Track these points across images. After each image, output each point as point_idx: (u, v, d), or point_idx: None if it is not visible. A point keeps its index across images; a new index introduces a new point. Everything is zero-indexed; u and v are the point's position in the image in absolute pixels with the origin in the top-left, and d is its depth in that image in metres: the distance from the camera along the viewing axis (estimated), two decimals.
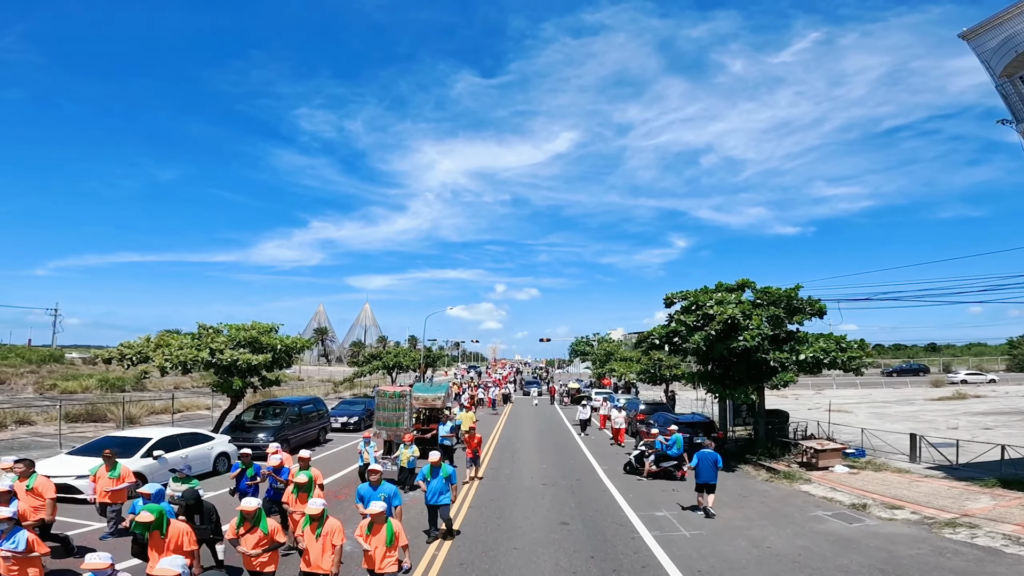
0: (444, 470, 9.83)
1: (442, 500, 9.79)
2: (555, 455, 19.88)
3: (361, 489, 8.66)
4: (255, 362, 17.88)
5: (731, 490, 15.05)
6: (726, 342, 16.65)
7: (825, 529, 11.40)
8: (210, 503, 8.31)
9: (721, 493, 14.41)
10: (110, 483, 9.78)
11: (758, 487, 15.61)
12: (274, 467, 9.99)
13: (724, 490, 14.92)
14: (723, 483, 15.57)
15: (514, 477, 16.12)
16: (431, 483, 9.77)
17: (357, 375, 41.76)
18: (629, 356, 42.57)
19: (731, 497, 14.25)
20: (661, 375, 30.26)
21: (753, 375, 17.80)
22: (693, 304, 18.01)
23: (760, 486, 15.73)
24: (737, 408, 21.79)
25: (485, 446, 21.09)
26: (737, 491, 14.99)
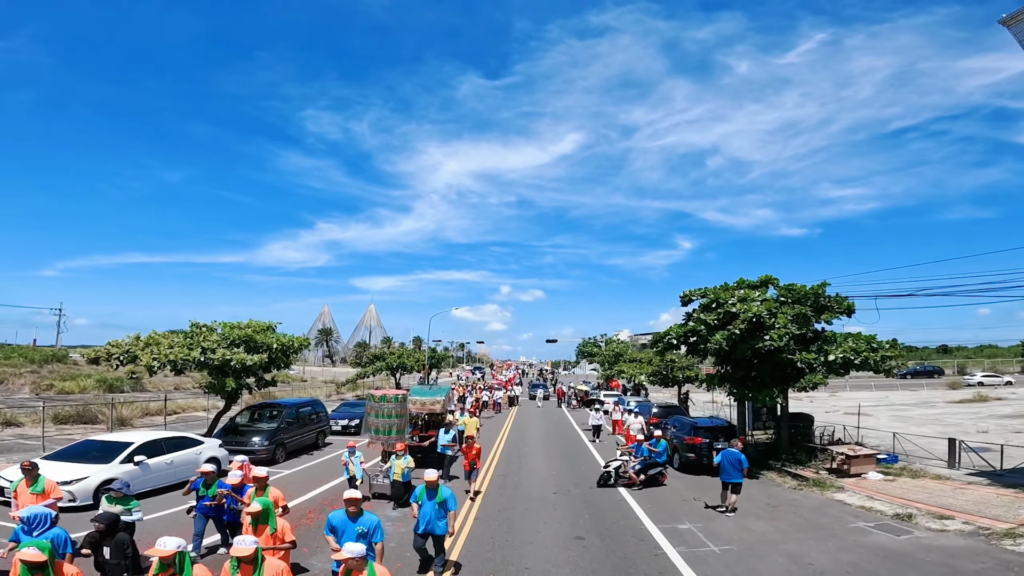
0: (440, 493, 8.06)
1: (435, 529, 8.03)
2: (565, 461, 18.83)
3: (333, 518, 6.82)
4: (250, 362, 16.95)
5: (757, 499, 13.97)
6: (750, 342, 15.55)
7: (872, 542, 10.31)
8: (125, 535, 7.15)
9: (747, 503, 13.42)
10: (31, 500, 7.91)
11: (786, 495, 14.51)
12: (233, 486, 8.27)
13: (749, 499, 13.89)
14: (748, 491, 14.55)
15: (523, 485, 15.08)
16: (423, 507, 8.00)
17: (360, 376, 40.80)
18: (639, 357, 41.45)
19: (759, 507, 13.17)
20: (674, 377, 29.13)
21: (778, 377, 16.69)
22: (713, 302, 16.92)
23: (788, 494, 14.63)
24: (757, 411, 20.65)
25: (491, 450, 20.09)
26: (764, 500, 13.91)
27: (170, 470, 13.19)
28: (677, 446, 17.47)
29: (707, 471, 16.70)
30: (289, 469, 16.63)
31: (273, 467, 16.82)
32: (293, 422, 18.44)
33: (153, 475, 12.61)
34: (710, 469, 16.68)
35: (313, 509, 12.04)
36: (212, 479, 8.24)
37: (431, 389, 17.78)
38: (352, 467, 12.33)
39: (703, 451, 16.64)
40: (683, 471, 17.10)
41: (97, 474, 11.60)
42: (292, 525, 11.22)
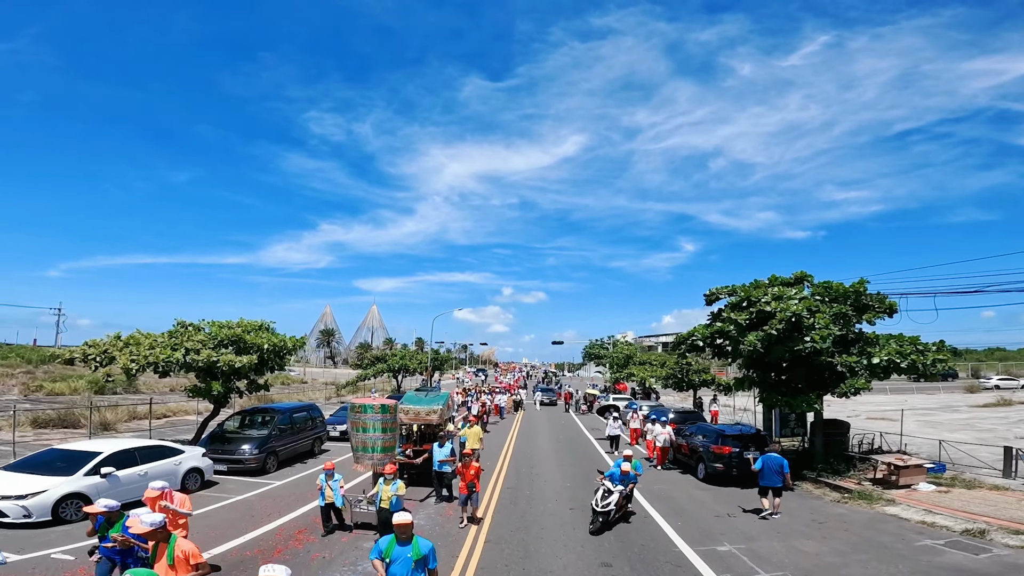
0: (416, 547, 5.54)
1: None
2: (579, 471, 17.40)
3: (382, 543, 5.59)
4: (238, 364, 15.58)
5: (799, 514, 12.60)
6: (788, 344, 14.14)
7: (949, 563, 8.96)
8: None
9: (788, 518, 12.11)
10: None
11: (831, 510, 13.11)
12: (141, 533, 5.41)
13: (790, 514, 12.54)
14: (785, 505, 13.20)
15: (535, 499, 13.67)
16: (392, 566, 5.47)
17: (361, 378, 39.41)
18: (649, 360, 40.00)
19: (803, 524, 11.79)
20: (689, 380, 27.68)
21: (814, 382, 15.26)
22: (744, 300, 15.52)
23: (832, 508, 13.24)
24: (784, 418, 19.23)
25: (498, 460, 18.67)
26: (807, 515, 12.51)
27: (143, 482, 11.76)
28: (703, 455, 16.05)
29: (736, 482, 15.36)
30: (281, 479, 15.27)
31: (264, 477, 15.46)
32: (286, 428, 17.07)
33: (123, 488, 11.26)
34: (739, 480, 15.34)
35: (303, 529, 10.66)
36: (116, 517, 6.57)
37: (428, 396, 15.07)
38: (329, 492, 10.16)
39: (732, 461, 15.25)
40: (709, 482, 15.70)
41: (57, 487, 10.30)
42: (278, 549, 9.94)
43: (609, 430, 21.21)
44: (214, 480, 14.56)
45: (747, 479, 15.41)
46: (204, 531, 10.55)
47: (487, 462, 18.11)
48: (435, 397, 15.05)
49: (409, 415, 14.11)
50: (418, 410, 14.17)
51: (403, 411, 13.76)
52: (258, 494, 13.71)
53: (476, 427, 16.54)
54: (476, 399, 29.21)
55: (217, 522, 11.16)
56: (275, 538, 10.13)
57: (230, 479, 15.08)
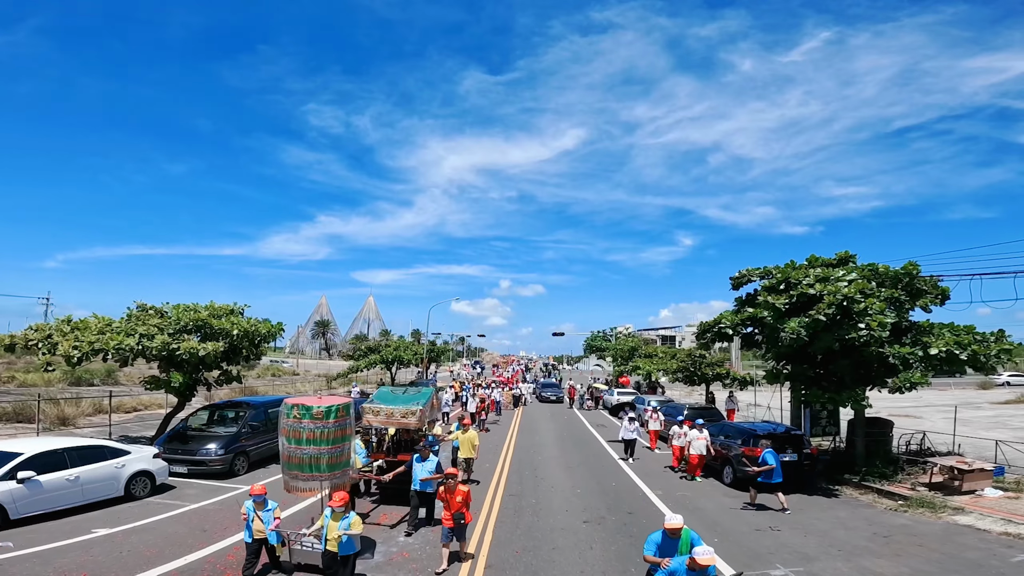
0: None
1: None
2: (589, 475, 15.52)
3: None
4: (202, 352, 13.59)
5: (854, 525, 10.86)
6: (837, 331, 12.21)
7: None
8: None
9: (843, 532, 10.46)
10: None
11: (890, 520, 11.33)
12: None
13: (842, 525, 10.87)
14: (833, 512, 11.53)
15: (543, 510, 11.77)
16: None
17: (353, 370, 37.43)
18: (655, 352, 38.15)
19: (864, 537, 10.03)
20: (702, 374, 25.79)
21: (861, 375, 13.37)
22: (782, 282, 13.58)
23: (891, 518, 11.46)
24: (815, 415, 17.36)
25: (497, 463, 16.76)
26: (864, 527, 10.74)
27: (74, 488, 9.96)
28: (731, 458, 14.20)
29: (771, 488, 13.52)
30: (250, 483, 13.35)
31: (231, 481, 13.53)
32: (260, 425, 15.11)
33: (48, 495, 9.39)
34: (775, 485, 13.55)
35: None
36: None
37: (406, 393, 12.14)
38: (258, 525, 7.41)
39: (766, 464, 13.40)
40: (739, 488, 13.85)
41: None
42: None
43: (624, 433, 17.47)
44: (170, 484, 12.66)
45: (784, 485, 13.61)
46: (139, 548, 8.72)
47: (485, 464, 16.21)
48: (415, 395, 12.03)
49: (380, 417, 11.27)
50: (391, 411, 11.21)
51: (371, 412, 11.26)
52: (219, 502, 11.80)
53: (471, 431, 13.61)
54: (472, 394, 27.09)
55: (158, 538, 9.25)
56: (209, 568, 8.09)
57: (191, 483, 13.19)
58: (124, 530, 9.68)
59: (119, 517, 10.36)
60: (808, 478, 14.06)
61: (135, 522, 10.11)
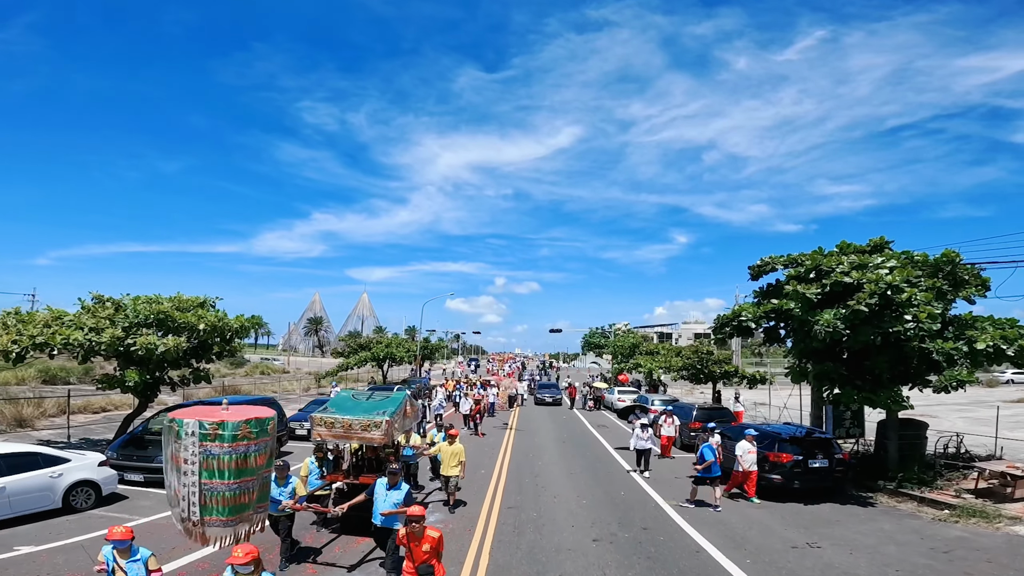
0: None
1: None
2: (594, 483, 14.12)
3: None
4: (161, 348, 12.08)
5: (902, 538, 9.67)
6: (879, 324, 10.82)
7: None
8: None
9: (892, 547, 9.27)
10: None
11: (942, 532, 10.07)
12: None
13: (890, 539, 9.68)
14: (875, 523, 10.35)
15: (546, 526, 10.35)
16: None
17: (343, 368, 35.87)
18: (656, 350, 36.84)
19: (920, 553, 8.82)
20: (709, 372, 24.44)
21: (899, 373, 12.02)
22: (812, 270, 12.19)
23: (942, 530, 10.21)
24: (838, 416, 16.02)
25: (494, 469, 15.32)
26: (915, 541, 9.47)
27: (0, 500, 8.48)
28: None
29: (797, 496, 12.23)
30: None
31: None
32: None
33: None
34: (802, 494, 12.28)
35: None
36: None
37: (370, 399, 9.75)
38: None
39: (793, 471, 12.09)
40: (761, 497, 12.50)
41: None
42: None
43: (636, 441, 14.68)
44: (122, 495, 11.21)
45: (812, 493, 12.30)
46: (61, 570, 7.43)
47: (480, 470, 14.79)
48: (381, 402, 9.61)
49: (334, 430, 9.05)
50: (349, 422, 8.95)
51: (323, 423, 9.05)
52: None
53: (458, 444, 11.12)
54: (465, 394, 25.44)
55: (88, 558, 7.77)
56: None
57: (148, 493, 11.72)
58: (52, 548, 8.28)
59: (51, 532, 8.93)
60: (839, 486, 12.74)
61: (69, 538, 8.69)
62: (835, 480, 12.43)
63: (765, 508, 11.81)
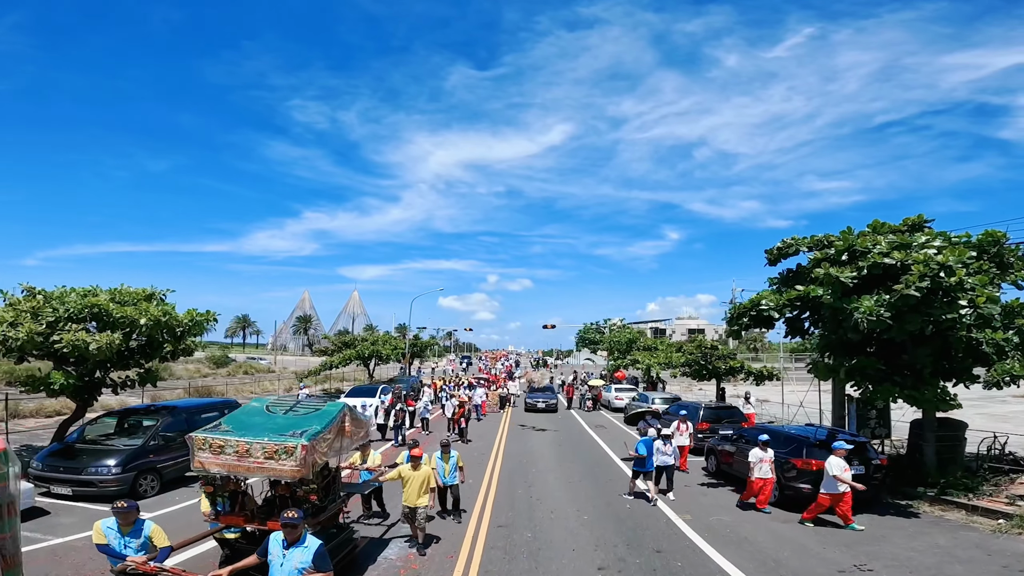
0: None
1: None
2: (595, 493, 12.56)
3: None
4: (93, 345, 10.36)
5: (965, 554, 8.46)
6: (929, 311, 9.32)
7: None
8: None
9: (958, 566, 7.95)
10: None
11: (1010, 546, 8.80)
12: None
13: (950, 555, 8.48)
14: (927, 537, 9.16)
15: (543, 549, 8.78)
16: None
17: (326, 367, 34.10)
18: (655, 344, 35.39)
19: (987, 570, 7.72)
20: (713, 368, 22.98)
21: (943, 368, 10.55)
22: (845, 251, 10.67)
23: (1009, 544, 8.92)
24: (862, 415, 14.57)
25: (483, 478, 13.69)
26: (981, 557, 8.25)
27: None
28: (779, 474, 11.33)
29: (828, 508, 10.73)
30: (159, 508, 10.22)
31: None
32: (180, 435, 11.93)
33: None
34: (647, 473, 11.60)
35: None
36: None
37: (287, 414, 7.26)
38: None
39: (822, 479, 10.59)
40: (787, 507, 11.03)
41: None
42: None
43: (659, 456, 11.94)
44: (43, 509, 9.67)
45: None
46: None
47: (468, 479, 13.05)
48: (301, 417, 7.11)
49: (225, 457, 6.40)
50: (248, 446, 6.34)
51: (209, 447, 6.43)
52: None
53: (425, 468, 8.76)
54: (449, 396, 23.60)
55: None
56: None
57: (76, 508, 10.13)
58: None
59: None
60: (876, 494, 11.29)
61: None
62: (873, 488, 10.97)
63: (793, 522, 10.31)
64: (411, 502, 8.50)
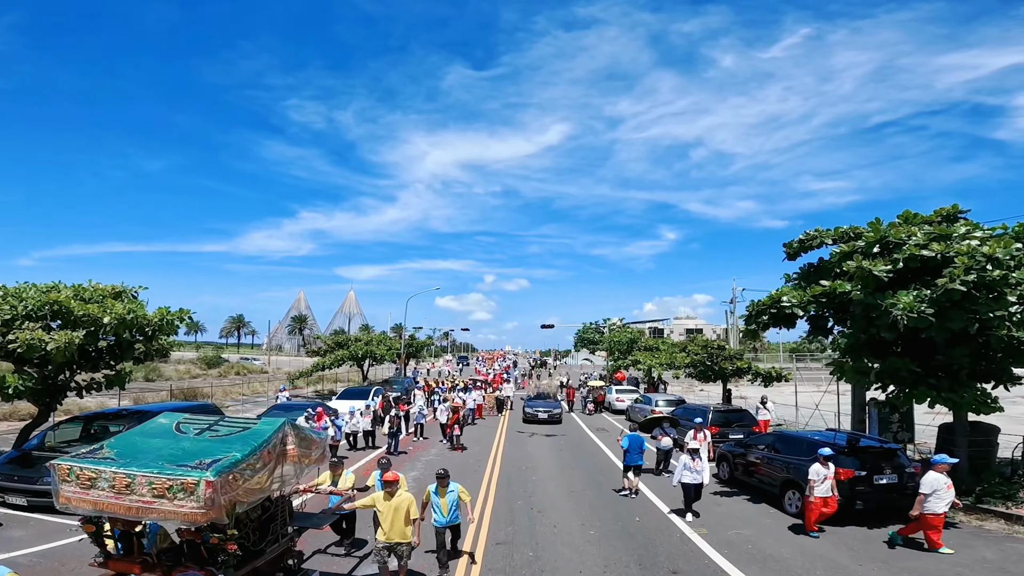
0: None
1: None
2: (601, 505, 11.66)
3: None
4: (51, 345, 9.40)
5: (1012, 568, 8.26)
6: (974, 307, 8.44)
7: None
8: None
9: None
10: None
11: None
12: None
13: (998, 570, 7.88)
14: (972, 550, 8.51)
15: (545, 571, 7.89)
16: None
17: (317, 368, 33.09)
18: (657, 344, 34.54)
19: None
20: (719, 369, 22.11)
21: (980, 369, 9.70)
22: (877, 242, 9.79)
23: None
24: (884, 419, 13.72)
25: (481, 485, 12.74)
26: None
27: None
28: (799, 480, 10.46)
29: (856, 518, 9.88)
30: None
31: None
32: None
33: None
34: (863, 516, 9.94)
35: None
36: None
37: (205, 434, 5.85)
38: None
39: (855, 490, 9.79)
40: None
41: None
42: None
43: (685, 474, 10.15)
44: None
45: (876, 515, 9.96)
46: None
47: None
48: (221, 440, 5.69)
49: (98, 493, 4.93)
50: (130, 479, 4.85)
51: (78, 479, 5.00)
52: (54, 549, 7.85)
53: (405, 494, 6.91)
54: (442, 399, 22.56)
55: None
56: None
57: (31, 518, 9.25)
58: None
59: None
60: None
61: None
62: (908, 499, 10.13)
63: (823, 537, 9.42)
64: (388, 537, 6.65)
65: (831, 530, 9.67)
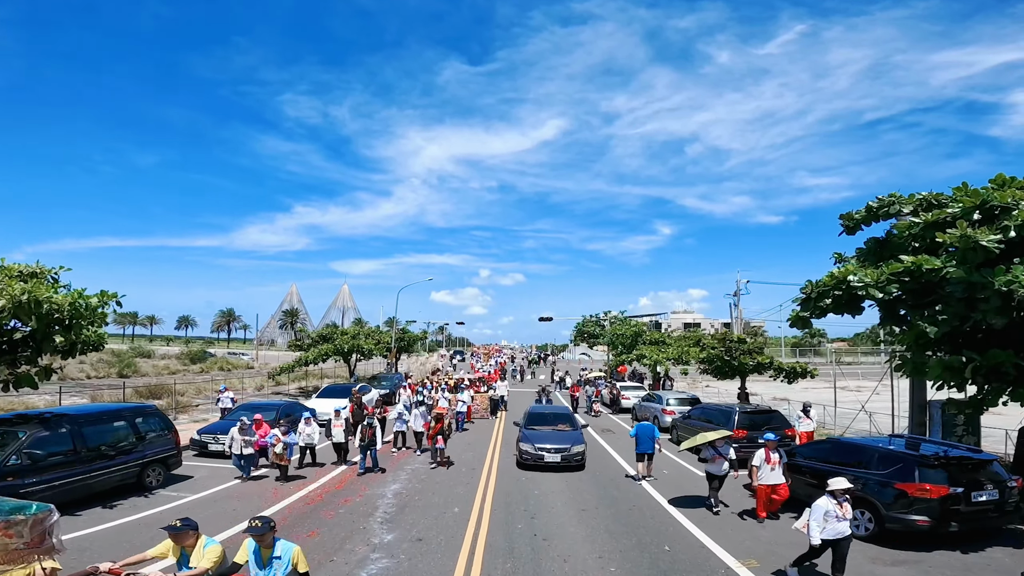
0: None
1: None
2: (617, 527, 9.55)
3: None
4: None
5: None
6: None
7: None
8: None
9: None
10: None
11: None
12: None
13: None
14: None
15: None
16: None
17: (300, 363, 30.81)
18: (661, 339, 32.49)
19: None
20: (739, 364, 20.01)
21: None
22: (975, 210, 7.69)
23: None
24: (948, 422, 11.68)
25: (475, 502, 10.60)
26: None
27: None
28: (874, 498, 8.37)
29: (947, 542, 7.86)
30: None
31: None
32: (67, 451, 8.84)
33: None
34: (957, 539, 7.93)
35: None
36: None
37: None
38: None
39: (948, 510, 7.72)
40: (887, 544, 8.09)
41: None
42: None
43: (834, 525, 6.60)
44: None
45: (969, 539, 7.93)
46: None
47: (455, 507, 10.10)
48: None
49: None
50: None
51: None
52: None
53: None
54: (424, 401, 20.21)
55: None
56: None
57: None
58: None
59: None
60: None
61: None
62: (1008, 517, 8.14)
63: (904, 562, 7.36)
64: None
65: (917, 556, 7.62)
